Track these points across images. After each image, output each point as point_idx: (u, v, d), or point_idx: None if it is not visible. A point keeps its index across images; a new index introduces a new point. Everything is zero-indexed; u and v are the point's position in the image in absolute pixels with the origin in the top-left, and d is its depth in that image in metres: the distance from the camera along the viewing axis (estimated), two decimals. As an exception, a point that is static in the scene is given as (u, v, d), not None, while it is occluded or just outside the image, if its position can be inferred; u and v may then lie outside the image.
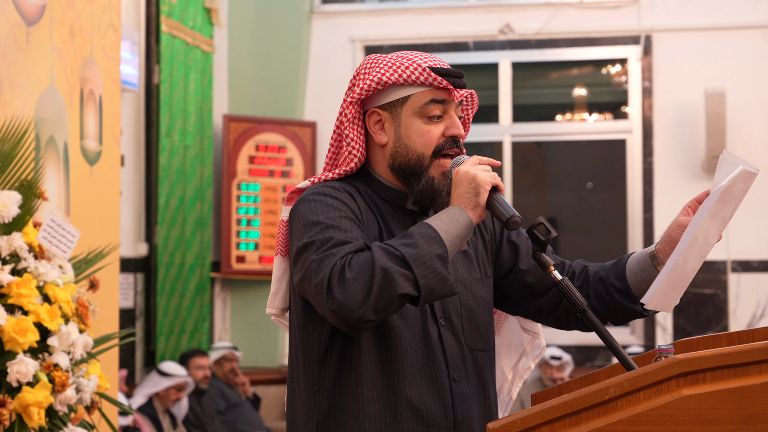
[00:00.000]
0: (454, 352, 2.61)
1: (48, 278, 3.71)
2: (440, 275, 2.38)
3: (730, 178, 2.42)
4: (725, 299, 9.09)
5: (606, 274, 2.73)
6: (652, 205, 9.24)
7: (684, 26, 9.30)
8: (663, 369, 2.01)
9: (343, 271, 2.36)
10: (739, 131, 9.07)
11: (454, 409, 2.57)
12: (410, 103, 2.60)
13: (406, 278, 2.35)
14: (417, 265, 2.36)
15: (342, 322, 2.38)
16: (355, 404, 2.52)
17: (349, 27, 9.68)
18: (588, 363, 9.19)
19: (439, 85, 2.59)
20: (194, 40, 8.60)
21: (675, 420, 2.00)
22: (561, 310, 2.75)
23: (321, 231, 2.46)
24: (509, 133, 9.57)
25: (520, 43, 9.53)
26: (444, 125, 2.61)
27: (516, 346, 2.98)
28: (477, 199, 2.46)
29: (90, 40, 4.68)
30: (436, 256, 2.38)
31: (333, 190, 2.58)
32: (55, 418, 3.68)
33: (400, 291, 2.35)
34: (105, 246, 4.44)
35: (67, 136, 4.46)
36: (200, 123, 8.73)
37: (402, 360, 2.53)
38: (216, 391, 8.24)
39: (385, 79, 2.59)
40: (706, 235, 2.48)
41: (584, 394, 2.03)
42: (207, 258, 8.83)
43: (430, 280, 2.37)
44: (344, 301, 2.34)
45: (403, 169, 2.61)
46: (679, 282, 2.50)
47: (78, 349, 3.75)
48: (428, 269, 2.37)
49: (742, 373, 1.99)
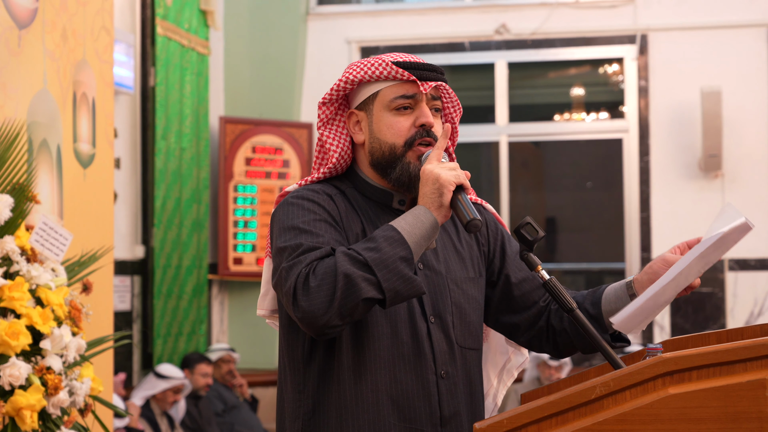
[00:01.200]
0: (443, 348, 2.62)
1: (40, 281, 3.71)
2: (404, 277, 2.40)
3: (730, 227, 2.43)
4: (723, 298, 9.10)
5: (582, 299, 2.74)
6: (649, 204, 9.24)
7: (680, 25, 9.31)
8: (649, 368, 2.01)
9: (308, 279, 2.40)
10: (735, 130, 9.07)
11: (441, 406, 2.58)
12: (380, 99, 2.65)
13: (369, 282, 2.38)
14: (380, 269, 2.38)
15: (309, 329, 2.41)
16: (338, 403, 2.54)
17: (345, 28, 9.68)
18: (586, 363, 9.19)
19: (402, 78, 2.62)
20: (190, 42, 8.60)
21: (661, 419, 2.00)
22: (536, 331, 2.76)
23: (294, 236, 2.51)
24: (506, 133, 9.57)
25: (516, 43, 9.53)
26: (414, 116, 2.64)
27: (501, 353, 2.99)
28: (441, 200, 2.46)
29: (83, 43, 4.68)
30: (399, 259, 2.39)
31: (312, 194, 2.63)
32: (48, 421, 3.68)
33: (364, 296, 2.37)
34: (98, 249, 4.44)
35: (60, 139, 4.45)
36: (196, 125, 8.73)
37: (385, 357, 2.55)
38: (213, 393, 8.23)
39: (352, 77, 2.66)
40: (688, 274, 2.49)
41: (570, 394, 2.04)
42: (204, 260, 8.83)
43: (394, 282, 2.39)
44: (309, 308, 2.38)
45: (380, 162, 2.65)
46: (651, 311, 2.51)
47: (71, 352, 3.74)
48: (391, 272, 2.39)
49: (728, 371, 2.00)
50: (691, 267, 2.47)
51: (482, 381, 2.76)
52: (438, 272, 2.66)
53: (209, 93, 9.00)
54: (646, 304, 2.49)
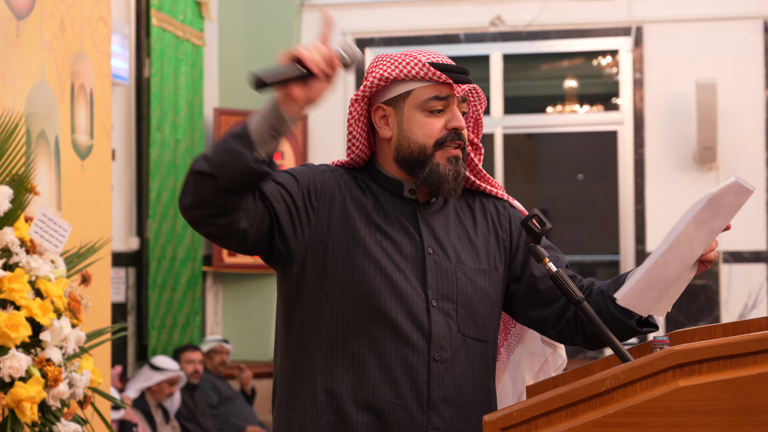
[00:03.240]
0: (441, 333, 2.64)
1: (40, 273, 3.70)
2: (230, 149, 2.44)
3: (720, 187, 2.39)
4: (717, 290, 9.10)
5: (607, 287, 2.75)
6: (644, 197, 9.24)
7: (675, 17, 9.30)
8: (659, 360, 2.01)
9: None
10: (730, 122, 9.07)
11: (430, 388, 2.61)
12: (412, 98, 2.67)
13: (201, 158, 2.47)
14: (212, 147, 2.48)
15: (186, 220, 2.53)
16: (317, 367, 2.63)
17: (340, 19, 9.65)
18: (580, 354, 9.19)
19: (439, 80, 2.65)
20: (184, 33, 8.58)
21: (671, 411, 2.00)
22: (565, 323, 2.76)
23: None
24: (501, 125, 9.56)
25: (511, 35, 9.51)
26: (445, 118, 2.67)
27: (538, 355, 3.00)
28: None
29: (80, 34, 4.66)
30: (231, 137, 2.45)
31: (321, 166, 2.76)
32: (47, 414, 3.67)
33: (194, 168, 2.45)
34: (97, 240, 4.42)
35: (58, 131, 4.44)
36: (191, 116, 8.72)
37: (372, 329, 2.60)
38: (208, 384, 8.22)
39: (387, 75, 2.67)
40: (691, 242, 2.45)
41: (581, 386, 2.04)
42: (199, 252, 8.82)
43: (221, 156, 2.44)
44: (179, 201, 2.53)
45: (407, 160, 2.68)
46: (657, 284, 2.48)
47: (71, 344, 3.73)
48: (220, 147, 2.45)
49: (738, 364, 2.00)
50: (690, 234, 2.44)
51: (490, 374, 2.76)
52: (448, 259, 2.69)
53: (204, 84, 8.98)
54: (648, 277, 2.47)
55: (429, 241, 2.68)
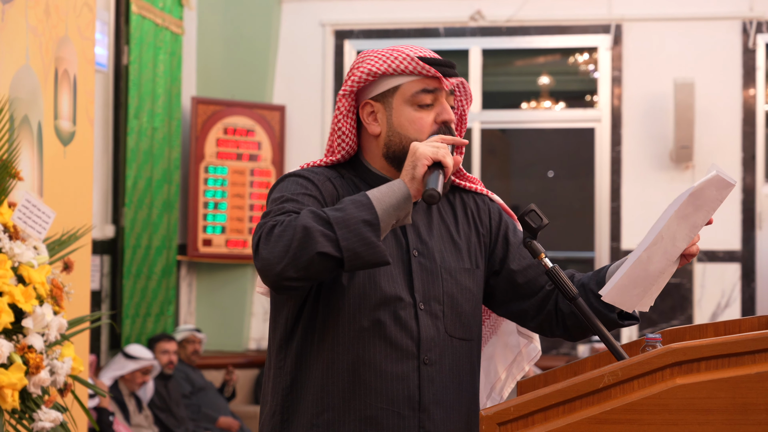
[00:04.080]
0: (429, 335, 2.62)
1: (23, 259, 3.68)
2: (366, 240, 2.39)
3: (702, 181, 2.39)
4: (690, 288, 9.15)
5: (587, 280, 2.74)
6: (620, 194, 9.27)
7: (654, 16, 9.33)
8: (657, 358, 2.01)
9: (272, 230, 2.43)
10: (707, 122, 9.11)
11: (421, 391, 2.59)
12: (401, 93, 2.65)
13: (326, 238, 2.38)
14: (340, 228, 2.38)
15: (266, 279, 2.44)
16: (315, 379, 2.60)
17: (320, 11, 9.64)
18: (553, 350, 9.22)
19: (428, 74, 2.64)
20: (164, 21, 8.53)
21: (669, 409, 2.00)
22: (545, 315, 2.76)
23: (281, 203, 2.56)
24: (479, 120, 9.57)
25: (491, 30, 9.52)
26: (435, 112, 2.65)
27: (512, 346, 3.00)
28: (413, 172, 2.46)
29: (65, 19, 4.63)
30: (362, 221, 2.39)
31: (308, 173, 2.68)
32: (28, 401, 3.65)
33: (318, 249, 2.37)
34: (78, 227, 4.40)
35: (42, 116, 4.41)
36: (169, 105, 8.67)
37: (364, 337, 2.58)
38: (181, 374, 8.20)
39: (375, 70, 2.65)
40: (674, 238, 2.45)
41: (578, 382, 2.03)
42: (174, 241, 8.79)
43: (354, 243, 2.38)
44: (266, 256, 2.41)
45: (398, 156, 2.65)
46: (642, 280, 2.48)
47: (52, 331, 3.71)
48: (351, 232, 2.38)
49: (736, 362, 2.00)
50: (673, 229, 2.44)
51: (475, 372, 2.75)
52: (432, 261, 2.67)
53: (182, 73, 8.94)
54: (633, 273, 2.47)
55: (414, 242, 2.67)
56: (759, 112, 9.18)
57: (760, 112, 9.20)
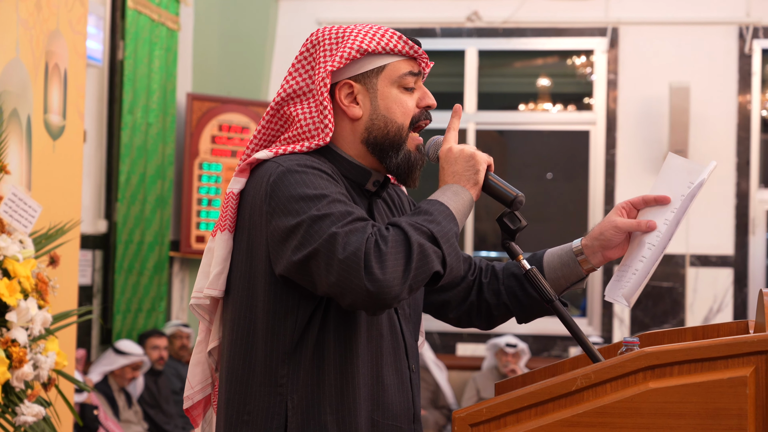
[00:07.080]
0: (411, 342, 2.54)
1: (8, 253, 3.68)
2: (459, 254, 2.32)
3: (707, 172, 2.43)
4: (683, 293, 9.15)
5: (513, 266, 2.68)
6: (614, 197, 9.28)
7: (651, 20, 9.34)
8: (630, 361, 2.01)
9: (379, 246, 2.21)
10: (702, 126, 9.11)
11: (414, 402, 2.51)
12: (387, 73, 2.47)
13: (437, 255, 2.26)
14: (444, 243, 2.27)
15: (375, 302, 2.21)
16: (327, 398, 2.36)
17: (316, 9, 9.64)
18: (545, 353, 9.22)
19: (416, 54, 2.49)
20: (160, 17, 8.53)
21: (641, 413, 2.00)
22: (467, 306, 2.70)
23: (331, 204, 2.28)
24: (474, 120, 9.57)
25: (488, 31, 9.52)
26: (417, 96, 2.51)
27: None
28: (476, 177, 2.40)
29: (56, 13, 4.62)
30: (454, 234, 2.31)
31: (319, 163, 2.40)
32: (11, 395, 3.64)
33: (435, 269, 2.25)
34: (66, 222, 4.39)
35: (31, 110, 4.40)
36: (163, 101, 8.66)
37: (370, 352, 2.41)
38: (171, 370, 8.20)
39: (365, 47, 2.43)
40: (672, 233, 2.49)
41: (551, 385, 2.03)
42: (166, 237, 8.78)
43: (453, 259, 2.29)
44: (384, 278, 2.19)
45: (380, 142, 2.46)
46: (648, 276, 2.52)
47: (36, 325, 3.71)
48: (451, 247, 2.29)
49: (709, 367, 2.00)
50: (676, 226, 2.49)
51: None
52: None
53: (177, 69, 8.93)
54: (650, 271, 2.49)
55: None
56: (754, 118, 9.19)
57: (756, 118, 9.20)
